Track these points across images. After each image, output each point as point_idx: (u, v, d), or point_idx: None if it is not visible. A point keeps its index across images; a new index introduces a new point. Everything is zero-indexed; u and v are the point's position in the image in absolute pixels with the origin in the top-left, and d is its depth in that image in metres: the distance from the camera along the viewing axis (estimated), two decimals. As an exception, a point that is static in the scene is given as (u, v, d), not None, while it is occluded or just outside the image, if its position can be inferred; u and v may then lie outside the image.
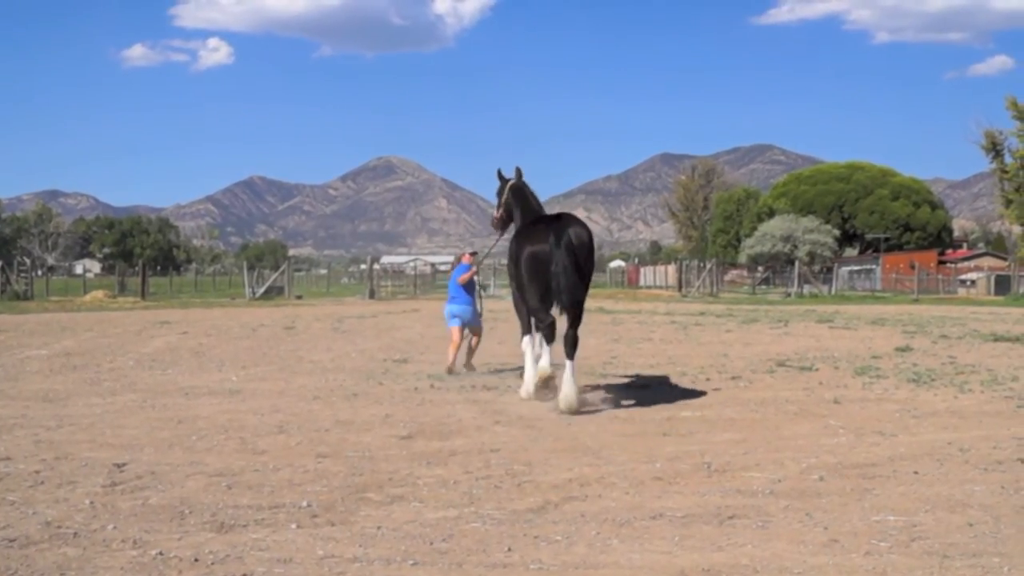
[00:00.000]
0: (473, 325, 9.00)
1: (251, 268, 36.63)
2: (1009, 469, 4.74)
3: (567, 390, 6.36)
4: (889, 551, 3.43)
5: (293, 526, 3.73)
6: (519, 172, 7.67)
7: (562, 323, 6.71)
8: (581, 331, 6.87)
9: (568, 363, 6.52)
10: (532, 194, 7.66)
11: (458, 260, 9.62)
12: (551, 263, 6.39)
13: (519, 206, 7.50)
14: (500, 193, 7.66)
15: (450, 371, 8.52)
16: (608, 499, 4.15)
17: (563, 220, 6.79)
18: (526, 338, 7.19)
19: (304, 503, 4.05)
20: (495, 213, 7.80)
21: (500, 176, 7.79)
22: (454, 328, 8.87)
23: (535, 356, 6.98)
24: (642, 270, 60.12)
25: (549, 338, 6.62)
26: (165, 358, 10.25)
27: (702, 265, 41.82)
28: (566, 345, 6.58)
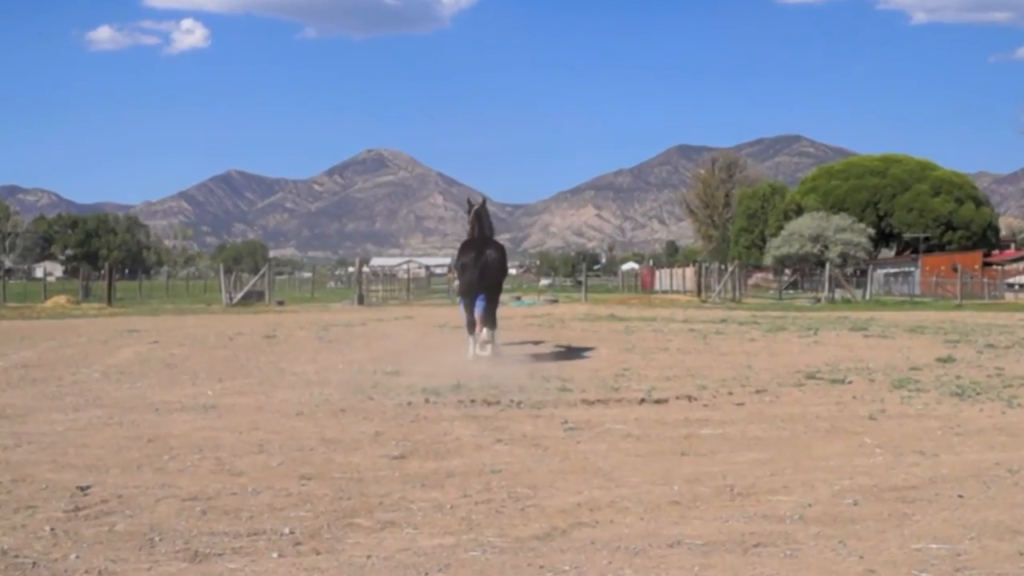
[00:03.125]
0: (481, 314, 11.37)
1: (228, 271, 36.65)
2: (1063, 492, 4.72)
3: (482, 340, 11.38)
4: (931, 583, 3.42)
5: (274, 555, 3.72)
6: (484, 200, 12.34)
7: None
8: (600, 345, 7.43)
9: (487, 331, 11.45)
10: (487, 219, 12.08)
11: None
12: (469, 269, 11.31)
13: (475, 226, 11.83)
14: (468, 213, 12.14)
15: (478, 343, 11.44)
16: (621, 525, 4.14)
17: (485, 243, 11.65)
18: (465, 318, 11.60)
19: (286, 530, 4.05)
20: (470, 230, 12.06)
21: (469, 203, 12.30)
22: (465, 307, 11.64)
23: (475, 334, 11.53)
24: (657, 273, 60.15)
25: (470, 326, 11.55)
26: (134, 370, 10.25)
27: (723, 267, 41.78)
28: (485, 320, 11.45)
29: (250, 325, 19.14)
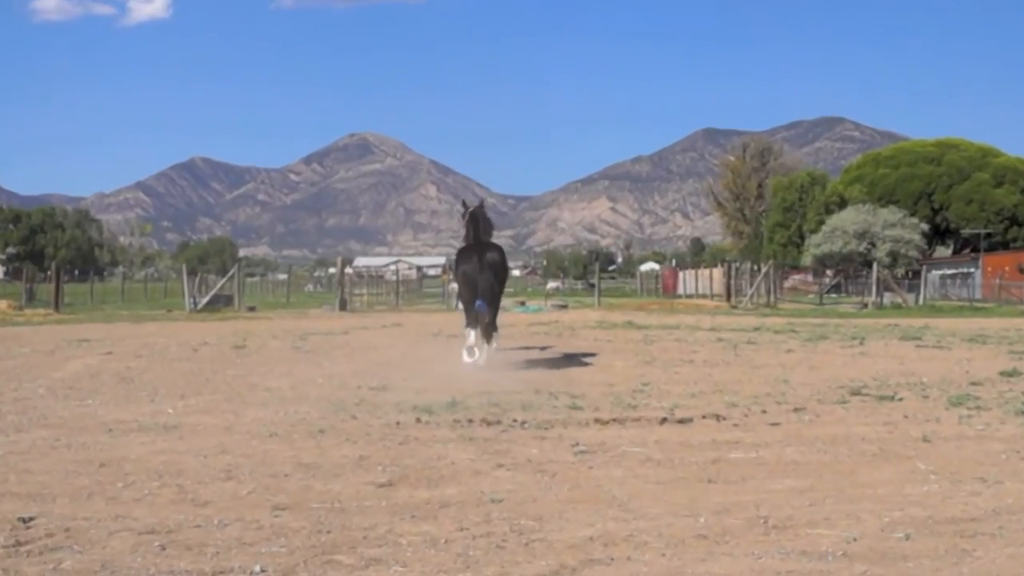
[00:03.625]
0: (482, 313, 12.10)
1: (192, 272, 36.72)
2: None
3: (483, 355, 12.05)
4: (994, 629, 3.41)
5: (243, 597, 3.72)
6: (482, 202, 13.54)
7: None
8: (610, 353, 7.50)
9: (488, 337, 12.22)
10: (484, 221, 13.08)
11: None
12: (474, 278, 12.18)
13: (471, 230, 12.86)
14: (463, 217, 13.03)
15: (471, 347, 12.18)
16: (639, 563, 4.13)
17: (484, 248, 12.53)
18: (469, 328, 12.33)
19: (257, 567, 4.04)
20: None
21: (464, 204, 13.26)
22: (467, 313, 12.37)
23: (472, 339, 12.29)
24: (681, 274, 60.11)
25: (472, 324, 12.30)
26: (84, 385, 10.26)
27: (756, 268, 41.79)
28: (483, 332, 12.18)
29: (217, 334, 19.16)
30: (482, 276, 12.24)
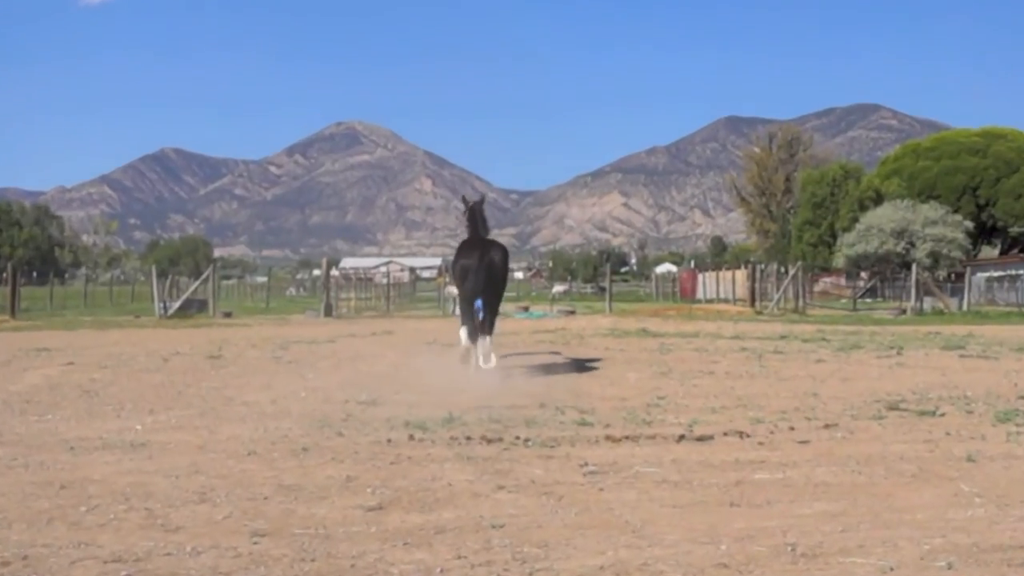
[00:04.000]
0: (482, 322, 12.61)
1: (162, 275, 36.80)
2: None
3: (484, 351, 12.46)
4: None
5: (219, 631, 3.72)
6: (482, 198, 14.24)
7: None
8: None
9: (486, 338, 12.53)
10: (483, 218, 13.83)
11: None
12: (473, 272, 12.68)
13: (470, 226, 13.74)
14: (464, 214, 13.92)
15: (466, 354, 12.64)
16: (654, 594, 4.13)
17: (487, 244, 13.23)
18: (464, 327, 12.78)
19: (234, 599, 4.04)
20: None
21: (464, 200, 14.09)
22: (464, 313, 12.80)
23: (466, 341, 12.71)
24: (700, 276, 60.17)
25: (468, 324, 12.72)
26: (43, 399, 10.27)
27: (783, 270, 41.78)
28: (481, 329, 12.56)
29: (190, 342, 19.17)
30: (478, 274, 12.80)
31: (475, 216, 13.79)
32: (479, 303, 12.64)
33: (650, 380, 12.16)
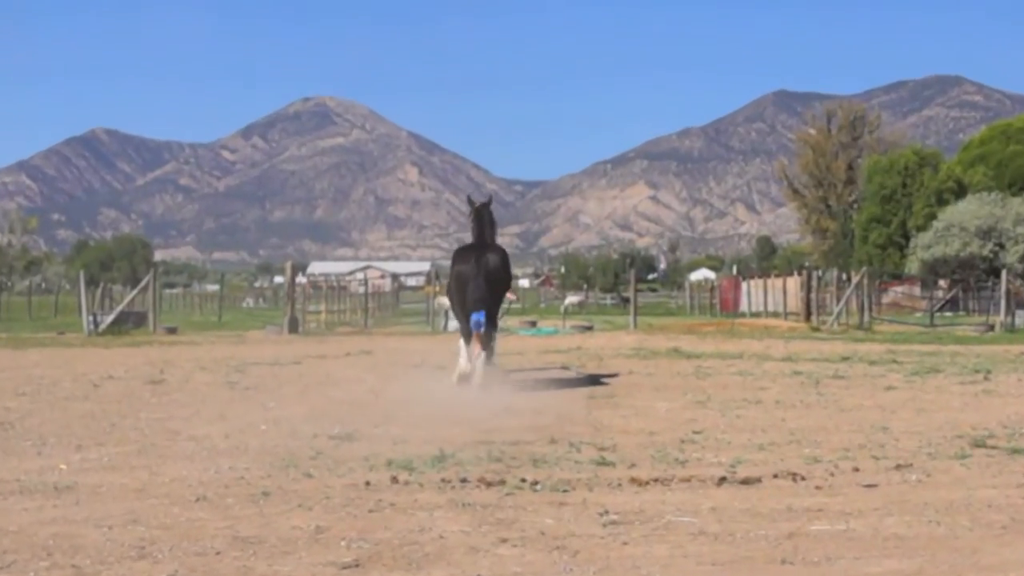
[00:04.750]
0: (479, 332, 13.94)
1: (92, 282, 36.83)
2: None
3: (477, 367, 13.94)
4: None
5: None
6: (490, 199, 15.80)
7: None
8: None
9: (482, 353, 13.97)
10: (491, 222, 15.28)
11: None
12: (472, 280, 14.12)
13: (475, 231, 15.11)
14: (470, 216, 15.39)
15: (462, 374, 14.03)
16: (690, 671, 4.12)
17: (484, 248, 14.72)
18: (463, 344, 14.32)
19: (180, 676, 4.04)
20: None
21: (470, 201, 15.65)
22: (475, 333, 14.01)
23: (464, 356, 14.14)
24: (744, 285, 60.12)
25: (466, 337, 14.27)
26: (-51, 432, 10.27)
27: (844, 277, 41.78)
28: (480, 342, 14.00)
29: (125, 364, 19.17)
30: (475, 282, 14.11)
31: (481, 219, 15.15)
32: (477, 316, 13.82)
33: (684, 410, 12.16)
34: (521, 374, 15.91)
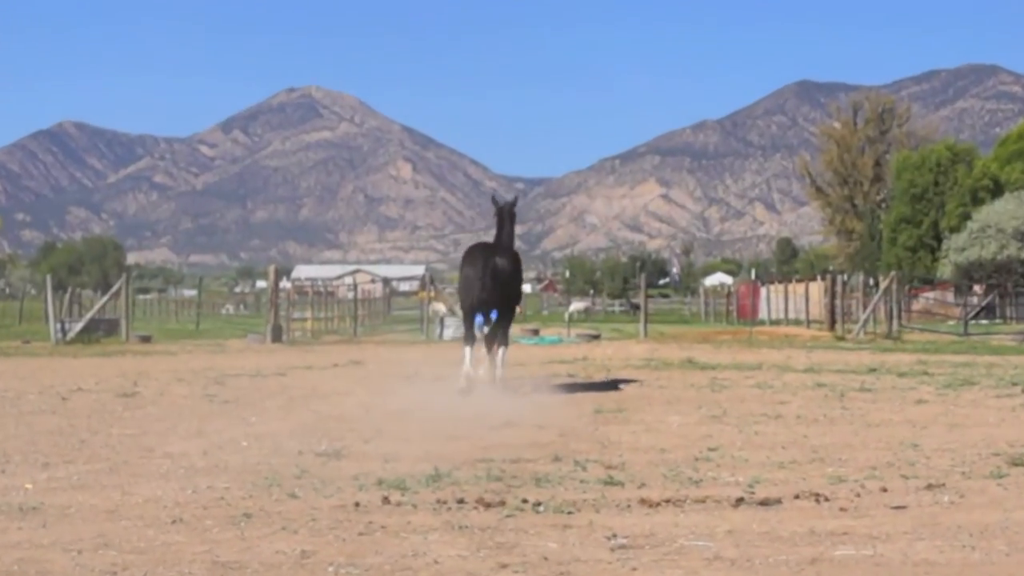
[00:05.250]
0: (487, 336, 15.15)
1: (60, 287, 36.84)
2: None
3: (496, 372, 15.40)
4: None
5: None
6: (515, 199, 16.88)
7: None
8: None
9: (496, 356, 15.44)
10: (510, 222, 16.05)
11: None
12: (477, 281, 15.03)
13: (497, 232, 15.99)
14: (495, 216, 16.19)
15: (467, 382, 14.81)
16: None
17: (492, 248, 15.71)
18: (466, 347, 15.33)
19: None
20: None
21: (494, 200, 16.35)
22: (482, 335, 15.19)
23: (468, 363, 15.03)
24: (763, 291, 60.12)
25: (470, 342, 15.31)
26: (-95, 449, 10.27)
27: (872, 282, 41.76)
28: (487, 346, 15.50)
29: (96, 375, 19.18)
30: (480, 283, 15.00)
31: (503, 220, 16.01)
32: (480, 319, 14.88)
33: (698, 426, 12.17)
34: (522, 396, 15.89)
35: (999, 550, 6.49)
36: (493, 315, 15.08)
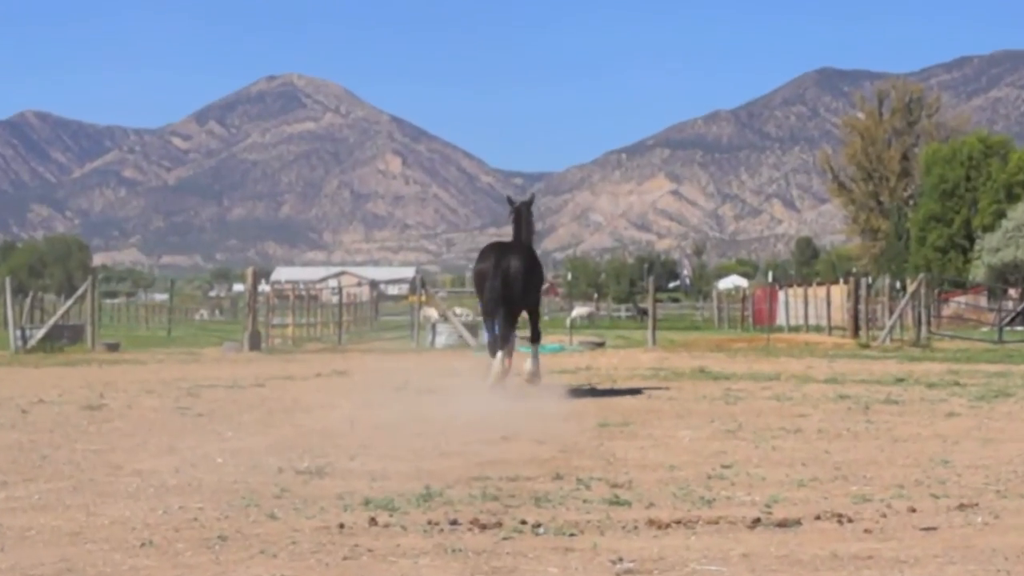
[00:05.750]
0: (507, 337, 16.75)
1: (21, 290, 36.84)
2: None
3: (529, 367, 17.13)
4: None
5: None
6: (532, 198, 18.57)
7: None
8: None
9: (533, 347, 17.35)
10: (526, 221, 17.45)
11: None
12: (490, 279, 16.48)
13: (514, 232, 17.44)
14: (509, 216, 17.82)
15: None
16: None
17: (507, 247, 17.07)
18: (490, 344, 17.21)
19: None
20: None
21: (510, 201, 18.25)
22: (487, 328, 17.45)
23: (498, 367, 16.69)
24: (782, 295, 60.16)
25: (494, 348, 16.96)
26: None
27: (899, 286, 41.78)
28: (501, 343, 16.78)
29: (59, 386, 19.17)
30: (491, 283, 16.45)
31: (519, 220, 17.45)
32: (508, 329, 16.91)
33: (711, 441, 12.18)
34: (521, 413, 15.87)
35: (1036, 575, 6.50)
36: (495, 325, 16.94)
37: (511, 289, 16.50)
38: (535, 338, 17.48)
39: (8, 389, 18.57)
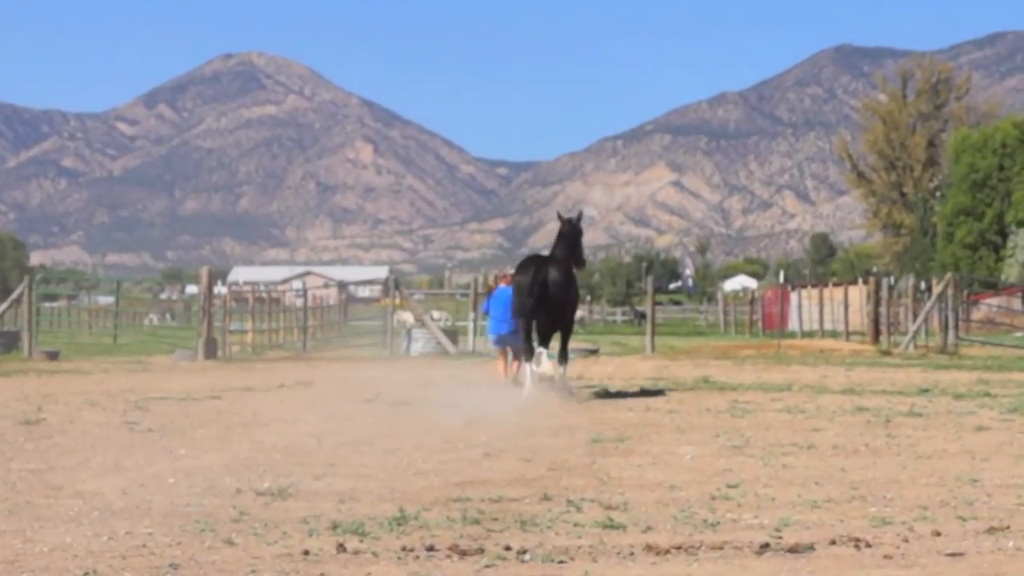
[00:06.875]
0: (516, 345, 19.07)
1: (-51, 293, 36.71)
2: None
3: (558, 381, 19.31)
4: None
5: None
6: (580, 215, 20.78)
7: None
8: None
9: (562, 366, 19.77)
10: (567, 240, 19.55)
11: (495, 285, 19.45)
12: (527, 291, 18.46)
13: (556, 242, 19.74)
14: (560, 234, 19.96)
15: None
16: None
17: (546, 260, 19.28)
18: (524, 354, 19.16)
19: None
20: None
21: (560, 217, 20.46)
22: (499, 351, 20.41)
23: (540, 370, 18.70)
24: (794, 296, 60.23)
25: (527, 357, 19.19)
26: None
27: (924, 287, 41.86)
28: (515, 355, 20.31)
29: (-7, 398, 19.10)
30: (515, 299, 18.99)
31: (563, 235, 19.58)
32: (498, 331, 19.93)
33: (715, 458, 12.22)
34: (506, 426, 15.89)
35: (1072, 604, 6.54)
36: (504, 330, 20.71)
37: (550, 303, 18.73)
38: (564, 357, 19.86)
39: (-65, 402, 18.54)
